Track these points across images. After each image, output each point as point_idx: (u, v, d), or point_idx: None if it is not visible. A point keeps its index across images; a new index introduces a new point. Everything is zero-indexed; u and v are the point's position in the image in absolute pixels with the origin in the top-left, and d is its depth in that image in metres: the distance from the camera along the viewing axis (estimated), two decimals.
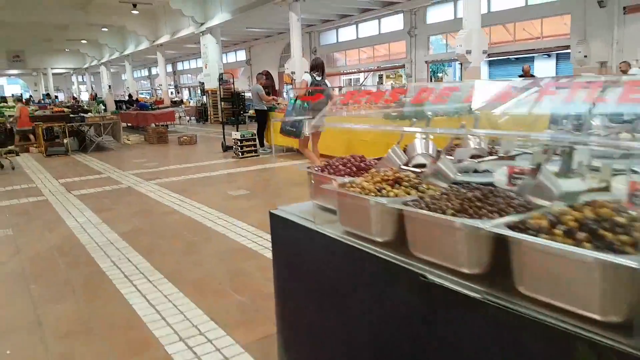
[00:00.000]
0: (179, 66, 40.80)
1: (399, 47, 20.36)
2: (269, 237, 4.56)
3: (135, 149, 12.20)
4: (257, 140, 9.67)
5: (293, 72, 16.84)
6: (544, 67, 22.62)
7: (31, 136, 12.51)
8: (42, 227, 5.11)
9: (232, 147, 10.10)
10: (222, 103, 20.18)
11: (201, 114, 22.56)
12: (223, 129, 10.80)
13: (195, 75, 38.98)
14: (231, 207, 5.55)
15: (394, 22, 19.89)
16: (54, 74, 42.11)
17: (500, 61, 20.20)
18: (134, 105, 18.83)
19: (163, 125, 15.93)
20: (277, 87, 27.57)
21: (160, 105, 20.68)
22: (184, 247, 4.25)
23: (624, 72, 9.86)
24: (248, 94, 21.30)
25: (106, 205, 6.00)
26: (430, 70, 20.10)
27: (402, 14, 19.36)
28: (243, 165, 8.61)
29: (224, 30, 21.82)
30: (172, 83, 38.26)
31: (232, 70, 26.62)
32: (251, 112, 11.81)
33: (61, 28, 27.88)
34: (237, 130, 10.29)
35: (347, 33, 22.62)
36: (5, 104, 19.02)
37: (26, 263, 4.02)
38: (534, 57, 22.83)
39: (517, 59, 22.59)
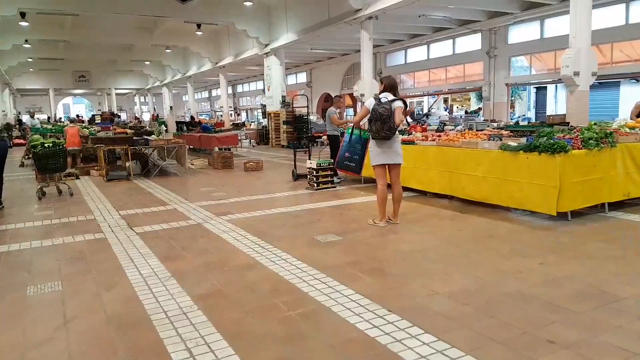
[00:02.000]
0: (239, 88, 41.00)
1: (475, 68, 18.92)
2: (392, 318, 3.06)
3: (199, 174, 11.40)
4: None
5: (362, 95, 15.79)
6: (632, 93, 20.43)
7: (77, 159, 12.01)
8: (98, 281, 4.11)
9: (305, 175, 9.05)
10: (285, 126, 19.45)
11: (262, 137, 21.88)
12: (294, 155, 9.77)
13: (254, 97, 39.00)
14: (325, 262, 4.37)
15: (471, 42, 18.52)
16: (117, 94, 43.41)
17: None
18: (196, 127, 18.33)
19: (226, 149, 15.24)
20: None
21: (221, 128, 20.12)
22: (283, 331, 3.07)
23: None
24: (311, 118, 20.47)
25: (174, 250, 4.98)
26: None
27: (480, 33, 17.98)
28: (321, 200, 7.47)
29: (287, 52, 21.21)
30: (232, 105, 38.34)
31: (292, 93, 26.03)
32: (324, 137, 10.70)
33: (126, 49, 28.42)
34: (310, 158, 9.23)
35: (416, 54, 21.44)
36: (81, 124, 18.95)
37: (74, 344, 2.98)
38: (619, 82, 20.72)
39: (600, 84, 20.54)
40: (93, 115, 31.62)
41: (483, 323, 3.06)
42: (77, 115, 32.47)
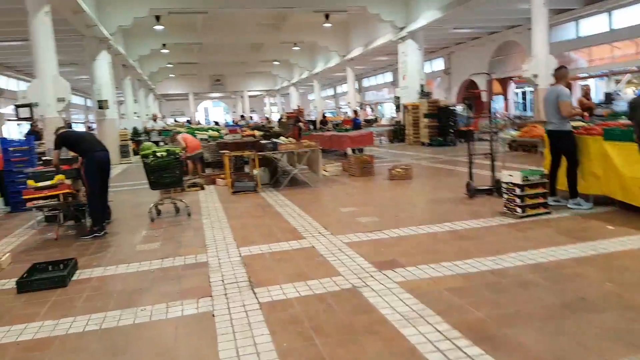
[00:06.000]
0: (364, 82, 39.02)
1: None
2: None
3: (335, 184, 9.23)
4: (548, 187, 5.64)
5: (535, 76, 12.43)
6: None
7: (190, 164, 10.47)
8: None
9: (488, 190, 6.41)
10: (427, 120, 16.70)
11: (395, 134, 19.29)
12: (470, 161, 7.01)
13: (379, 91, 36.74)
14: None
15: None
16: (249, 97, 44.17)
17: None
18: (326, 125, 16.41)
19: (359, 150, 13.11)
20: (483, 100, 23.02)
21: (347, 126, 17.97)
22: None
23: None
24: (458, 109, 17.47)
25: None
26: None
27: None
28: (547, 240, 4.55)
29: (424, 35, 18.44)
30: (358, 100, 36.43)
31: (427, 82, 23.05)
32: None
33: (255, 49, 27.91)
34: (493, 163, 6.50)
35: (592, 24, 17.08)
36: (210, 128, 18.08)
37: None
38: None
39: None
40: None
41: None
42: (188, 121, 32.87)
